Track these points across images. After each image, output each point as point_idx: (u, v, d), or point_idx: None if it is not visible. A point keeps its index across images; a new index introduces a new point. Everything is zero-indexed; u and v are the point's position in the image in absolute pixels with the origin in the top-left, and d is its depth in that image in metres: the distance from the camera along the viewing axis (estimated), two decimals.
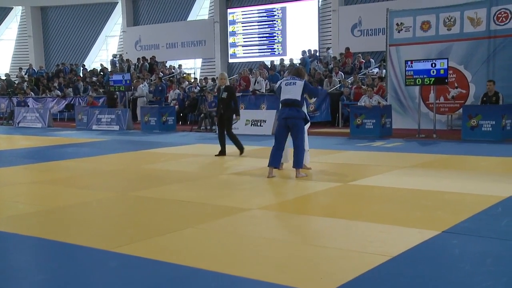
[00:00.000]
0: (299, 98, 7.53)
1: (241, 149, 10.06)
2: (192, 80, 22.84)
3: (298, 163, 7.54)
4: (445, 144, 11.53)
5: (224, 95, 9.91)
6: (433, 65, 12.64)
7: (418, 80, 12.91)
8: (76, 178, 7.95)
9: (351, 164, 8.97)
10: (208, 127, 16.70)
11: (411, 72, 12.96)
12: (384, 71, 16.68)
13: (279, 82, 7.90)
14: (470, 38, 13.58)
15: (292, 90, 7.53)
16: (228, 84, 10.40)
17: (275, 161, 7.66)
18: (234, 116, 10.18)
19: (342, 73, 18.57)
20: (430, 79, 12.72)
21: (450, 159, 9.32)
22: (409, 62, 13.04)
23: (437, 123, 13.34)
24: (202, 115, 16.98)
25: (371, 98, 13.82)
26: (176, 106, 17.65)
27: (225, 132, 10.02)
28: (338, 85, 17.59)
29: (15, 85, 26.73)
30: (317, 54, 22.27)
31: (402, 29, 14.49)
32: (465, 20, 13.62)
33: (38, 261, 4.33)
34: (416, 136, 13.01)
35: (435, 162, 8.95)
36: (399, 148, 10.92)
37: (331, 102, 16.54)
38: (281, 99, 7.66)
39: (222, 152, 10.04)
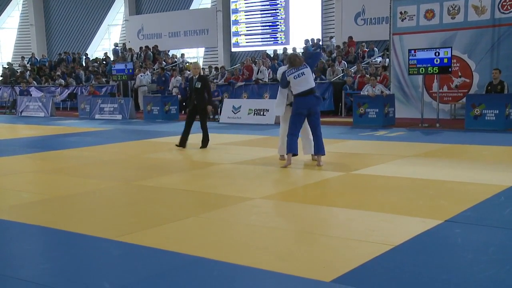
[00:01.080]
0: (313, 84, 7.64)
1: (205, 143, 9.82)
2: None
3: (323, 149, 7.62)
4: (448, 133, 11.50)
5: (198, 85, 9.67)
6: (437, 54, 12.57)
7: (422, 69, 12.85)
8: (79, 167, 7.97)
9: (354, 153, 8.96)
10: (211, 116, 16.68)
11: (415, 61, 12.90)
12: (387, 60, 16.61)
13: (283, 73, 7.74)
14: (474, 27, 13.49)
15: (304, 81, 7.47)
16: (202, 74, 10.18)
17: (294, 147, 7.59)
18: (209, 107, 9.94)
19: (345, 62, 18.50)
20: (434, 68, 12.66)
21: (453, 149, 9.30)
22: (412, 51, 12.97)
23: (440, 112, 13.30)
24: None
25: (374, 87, 13.77)
26: (178, 96, 17.63)
27: (200, 123, 9.79)
28: (341, 74, 17.54)
29: (18, 74, 26.73)
30: (320, 43, 22.17)
31: (405, 18, 14.41)
32: (470, 9, 13.52)
33: (41, 250, 4.35)
34: (419, 125, 12.98)
35: (438, 151, 8.93)
36: (402, 138, 10.90)
37: (334, 91, 16.52)
38: (295, 93, 7.56)
39: (183, 144, 9.75)
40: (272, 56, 21.16)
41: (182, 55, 25.16)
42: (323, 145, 7.64)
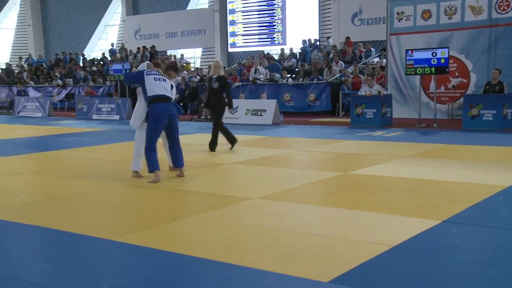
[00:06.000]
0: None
1: (232, 141, 9.42)
2: (193, 70, 22.78)
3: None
4: (446, 134, 11.52)
5: (215, 85, 9.24)
6: (434, 54, 12.59)
7: (419, 70, 12.87)
8: (76, 168, 7.96)
9: (351, 153, 8.97)
10: (209, 117, 16.68)
11: (412, 61, 12.92)
12: (384, 60, 16.63)
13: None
14: (471, 27, 13.53)
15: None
16: (222, 74, 9.60)
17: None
18: (227, 108, 9.44)
19: (342, 63, 18.53)
20: (431, 68, 12.68)
21: (451, 149, 9.32)
22: (409, 51, 12.99)
23: (437, 112, 13.33)
24: (202, 104, 16.94)
25: (371, 87, 13.79)
26: (176, 95, 17.60)
27: (213, 124, 9.45)
28: (338, 74, 17.56)
29: (15, 74, 26.68)
30: (317, 43, 22.19)
31: (402, 18, 14.44)
32: (466, 9, 13.56)
33: (40, 250, 4.35)
34: (417, 125, 13.01)
35: (435, 151, 8.95)
36: (400, 138, 10.92)
37: (331, 91, 16.53)
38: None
39: (233, 141, 9.44)
40: (269, 56, 21.16)
41: (182, 55, 25.14)
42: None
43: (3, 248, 4.25)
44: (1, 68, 28.23)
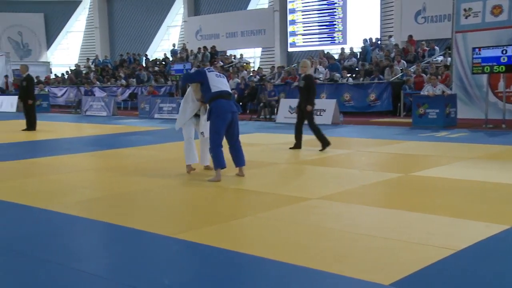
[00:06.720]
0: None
1: (324, 142, 9.14)
2: (251, 70, 22.92)
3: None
4: None
5: (301, 84, 9.30)
6: (504, 52, 12.06)
7: (486, 68, 12.38)
8: (138, 165, 8.17)
9: (412, 154, 8.74)
10: (268, 116, 16.74)
11: (479, 59, 12.44)
12: (449, 59, 16.11)
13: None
14: None
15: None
16: (309, 73, 9.53)
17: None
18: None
19: (404, 62, 18.11)
20: (500, 66, 12.16)
21: None
22: (476, 49, 12.52)
23: (506, 112, 12.76)
24: (262, 104, 17.03)
25: (435, 87, 13.40)
26: (235, 95, 17.76)
27: (308, 124, 9.28)
28: (400, 74, 17.17)
29: (83, 75, 27.79)
30: (379, 42, 21.79)
31: (470, 15, 13.92)
32: None
33: (104, 245, 4.50)
34: (483, 126, 12.52)
35: (503, 153, 8.58)
36: (464, 139, 10.54)
37: (393, 91, 16.20)
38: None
39: (297, 145, 9.37)
40: (330, 55, 20.97)
41: (241, 55, 25.35)
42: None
43: (70, 242, 4.43)
44: (70, 69, 29.48)
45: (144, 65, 27.19)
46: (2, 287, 3.46)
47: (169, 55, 27.34)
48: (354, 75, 19.01)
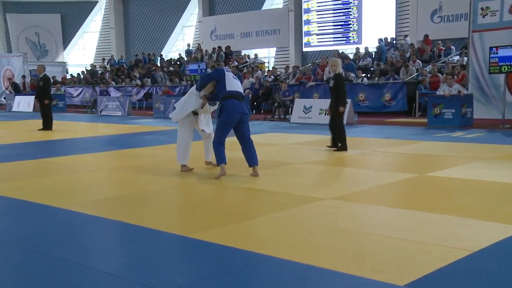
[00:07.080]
0: None
1: (342, 147, 9.04)
2: (266, 70, 22.91)
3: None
4: None
5: (331, 83, 9.25)
6: None
7: (504, 68, 12.24)
8: (153, 165, 8.21)
9: (428, 155, 8.67)
10: (282, 116, 16.72)
11: (496, 59, 12.31)
12: (465, 58, 15.95)
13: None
14: None
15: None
16: (339, 72, 9.41)
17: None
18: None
19: (420, 61, 17.96)
20: None
21: None
22: (494, 49, 12.38)
23: None
24: (276, 104, 17.01)
25: (450, 87, 13.27)
26: (250, 95, 17.78)
27: (336, 124, 9.27)
28: (416, 73, 17.05)
29: (98, 75, 28.01)
30: (394, 42, 21.65)
31: (487, 14, 13.75)
32: None
33: (118, 244, 4.52)
34: (500, 126, 12.38)
35: None
36: (481, 139, 10.43)
37: (408, 91, 16.08)
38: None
39: (334, 144, 9.23)
40: (345, 55, 20.87)
41: (256, 55, 25.35)
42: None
43: (86, 241, 4.46)
44: (86, 69, 29.74)
45: (159, 65, 27.32)
46: (20, 286, 3.50)
47: (183, 55, 27.44)
48: (369, 75, 18.90)
